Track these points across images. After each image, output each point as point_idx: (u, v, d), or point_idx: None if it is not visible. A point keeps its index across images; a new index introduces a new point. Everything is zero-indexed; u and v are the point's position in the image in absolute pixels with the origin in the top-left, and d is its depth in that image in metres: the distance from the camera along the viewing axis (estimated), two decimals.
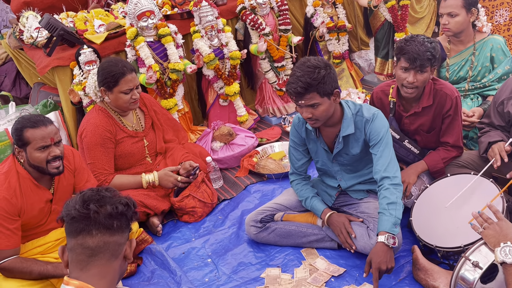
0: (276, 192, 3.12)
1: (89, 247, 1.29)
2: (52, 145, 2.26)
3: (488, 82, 3.07)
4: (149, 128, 3.06)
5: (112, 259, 1.33)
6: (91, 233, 1.29)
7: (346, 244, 2.34)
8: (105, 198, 1.33)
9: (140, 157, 3.02)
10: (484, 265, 1.65)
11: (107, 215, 1.30)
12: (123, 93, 2.75)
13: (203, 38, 3.70)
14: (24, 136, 2.21)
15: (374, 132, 2.26)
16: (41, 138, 2.22)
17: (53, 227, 2.45)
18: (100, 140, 2.79)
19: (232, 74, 3.84)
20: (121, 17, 4.09)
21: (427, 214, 2.36)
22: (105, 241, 1.30)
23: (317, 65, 2.13)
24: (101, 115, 2.84)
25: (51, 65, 3.45)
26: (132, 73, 2.77)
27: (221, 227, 2.90)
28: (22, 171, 2.29)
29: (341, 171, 2.48)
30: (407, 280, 2.24)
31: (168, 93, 3.60)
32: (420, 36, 2.41)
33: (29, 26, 3.94)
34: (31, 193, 2.30)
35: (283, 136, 3.84)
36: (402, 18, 4.15)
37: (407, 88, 2.45)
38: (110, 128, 2.83)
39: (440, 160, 2.59)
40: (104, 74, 2.73)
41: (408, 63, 2.39)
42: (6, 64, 4.87)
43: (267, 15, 3.98)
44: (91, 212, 1.29)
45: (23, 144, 2.23)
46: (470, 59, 3.08)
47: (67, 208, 1.32)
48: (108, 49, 3.61)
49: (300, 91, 2.12)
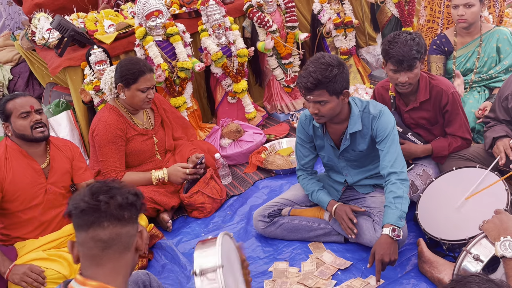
0: (284, 187, 3.16)
1: (101, 239, 1.26)
2: (33, 111, 2.41)
3: (495, 74, 3.08)
4: (159, 126, 3.12)
5: (125, 252, 1.31)
6: (102, 225, 1.26)
7: (347, 230, 2.36)
8: (114, 189, 1.31)
9: (150, 155, 3.07)
10: (485, 258, 1.68)
11: (117, 205, 1.28)
12: (140, 91, 2.82)
13: (211, 37, 3.74)
14: (7, 108, 2.39)
15: (380, 128, 2.29)
16: (21, 106, 2.39)
17: (51, 209, 2.53)
18: (112, 138, 2.85)
19: (240, 72, 3.88)
20: (130, 17, 4.15)
21: (433, 207, 2.39)
22: (117, 232, 1.28)
23: (330, 63, 2.15)
24: (112, 113, 2.90)
25: (63, 65, 3.52)
26: (151, 73, 2.86)
27: (230, 222, 2.95)
28: (10, 143, 2.45)
29: (348, 166, 2.51)
30: (413, 272, 2.27)
31: (177, 91, 3.66)
32: (402, 35, 2.42)
33: (41, 28, 4.02)
34: (19, 162, 2.44)
35: (291, 132, 3.88)
36: (409, 13, 4.15)
37: (402, 86, 2.49)
38: (121, 126, 2.89)
39: (447, 146, 2.62)
40: (124, 71, 2.80)
41: (396, 66, 2.42)
42: (19, 65, 4.97)
43: (274, 13, 4.02)
44: (101, 204, 1.26)
45: (7, 117, 2.39)
46: (476, 50, 3.10)
47: (74, 201, 1.29)
48: (118, 49, 3.68)
49: (309, 87, 2.15)
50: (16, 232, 2.48)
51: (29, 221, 2.47)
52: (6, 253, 2.40)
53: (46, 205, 2.51)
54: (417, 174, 2.60)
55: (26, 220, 2.47)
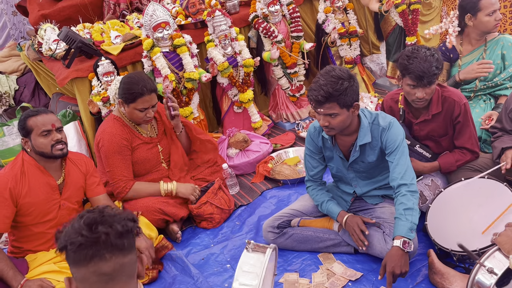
0: (292, 197, 3.18)
1: (105, 273, 1.19)
2: (54, 130, 2.42)
3: (500, 81, 3.10)
4: (162, 134, 3.12)
5: (128, 281, 1.25)
6: (104, 257, 1.18)
7: (359, 242, 2.37)
8: (110, 217, 1.23)
9: (156, 163, 3.08)
10: (499, 271, 1.69)
11: (117, 235, 1.20)
12: (138, 110, 2.82)
13: (217, 47, 3.77)
14: (28, 124, 2.40)
15: (390, 140, 2.30)
16: (43, 124, 2.40)
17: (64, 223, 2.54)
18: (117, 148, 2.86)
19: (246, 82, 3.91)
20: (136, 27, 4.18)
21: (442, 218, 2.40)
22: (120, 263, 1.21)
23: (341, 76, 2.17)
24: (117, 124, 2.92)
25: (70, 76, 3.55)
26: (152, 94, 2.82)
27: (239, 232, 2.96)
28: (27, 158, 2.46)
29: (357, 178, 2.53)
30: (424, 283, 2.28)
31: (184, 102, 3.68)
32: (422, 50, 2.41)
33: (48, 39, 4.05)
34: (36, 177, 2.45)
35: (297, 142, 3.89)
36: (413, 22, 4.18)
37: (418, 102, 2.50)
38: (126, 136, 2.91)
39: (454, 162, 2.63)
40: (124, 89, 2.81)
41: (415, 81, 2.42)
42: (25, 76, 5.00)
43: (279, 23, 4.05)
44: (101, 235, 1.18)
45: (27, 133, 2.40)
46: (481, 57, 3.12)
47: (67, 236, 1.19)
48: (125, 59, 3.70)
49: (320, 100, 2.16)
50: (27, 245, 2.50)
51: (41, 234, 2.49)
52: (18, 266, 2.41)
53: (59, 220, 2.52)
54: (425, 184, 2.61)
55: (38, 234, 2.48)
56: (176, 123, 3.09)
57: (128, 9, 4.87)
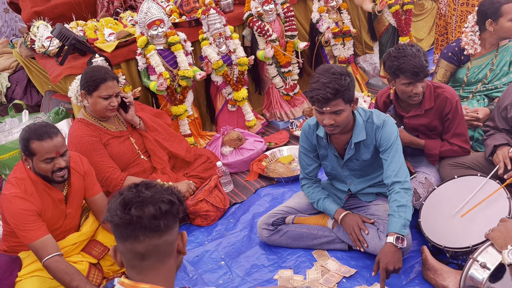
0: (286, 195, 3.19)
1: (139, 252, 1.23)
2: (58, 157, 2.30)
3: (500, 85, 3.13)
4: (132, 127, 3.07)
5: (165, 259, 1.28)
6: (138, 238, 1.22)
7: (357, 242, 2.39)
8: (146, 198, 1.24)
9: (132, 156, 3.01)
10: (492, 265, 1.71)
11: (151, 217, 1.22)
12: (101, 98, 2.78)
13: (212, 45, 3.77)
14: (31, 147, 2.25)
15: (384, 138, 2.32)
16: (47, 152, 2.25)
17: (68, 232, 2.53)
18: (89, 146, 2.81)
19: (240, 80, 3.91)
20: (130, 25, 4.16)
21: (436, 215, 2.42)
22: (154, 244, 1.24)
23: (342, 72, 2.18)
24: (81, 125, 2.86)
25: (64, 73, 3.53)
26: (114, 81, 2.81)
27: (233, 230, 2.96)
28: (33, 175, 2.35)
29: (351, 175, 2.54)
30: (417, 280, 2.30)
31: (178, 100, 3.68)
32: (407, 48, 2.45)
33: (40, 36, 4.02)
34: (45, 195, 2.38)
35: (291, 140, 3.91)
36: (406, 22, 4.21)
37: (416, 97, 2.54)
38: (93, 133, 2.85)
39: (438, 147, 2.67)
40: (86, 78, 2.79)
41: (411, 78, 2.46)
42: (17, 73, 4.97)
43: (274, 22, 4.06)
44: (133, 218, 1.21)
45: (30, 154, 2.28)
46: (491, 62, 3.13)
47: (109, 213, 1.25)
48: (119, 57, 3.69)
49: (329, 97, 2.14)
50: (25, 247, 2.43)
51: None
52: (10, 262, 2.39)
53: (64, 228, 2.50)
54: (419, 182, 2.64)
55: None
56: (132, 117, 3.01)
57: (121, 7, 4.85)
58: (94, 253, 2.57)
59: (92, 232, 2.63)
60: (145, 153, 3.11)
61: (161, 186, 1.31)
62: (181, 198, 1.30)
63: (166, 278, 1.28)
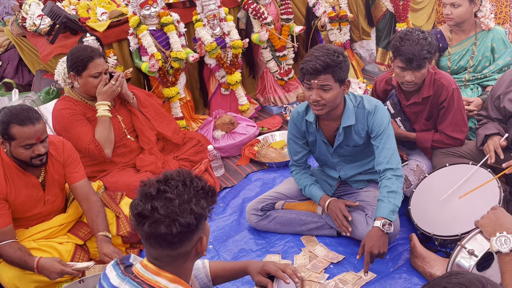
0: (277, 180, 3.16)
1: (153, 256, 1.31)
2: (38, 143, 2.24)
3: (489, 73, 3.09)
4: (119, 104, 3.02)
5: (181, 263, 1.32)
6: (153, 246, 1.27)
7: (342, 227, 2.37)
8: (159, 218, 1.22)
9: (118, 135, 2.94)
10: (480, 253, 1.69)
11: (163, 235, 1.23)
12: (92, 77, 2.74)
13: (205, 27, 3.71)
14: (11, 131, 2.18)
15: (376, 124, 2.28)
16: (28, 137, 2.19)
17: (53, 214, 2.51)
18: (71, 117, 2.75)
19: (234, 63, 3.86)
20: (124, 5, 4.09)
21: (426, 203, 2.40)
22: (167, 254, 1.29)
23: (336, 50, 2.17)
24: (65, 102, 2.80)
25: (54, 52, 3.47)
26: (101, 58, 2.77)
27: (222, 214, 2.94)
28: (6, 159, 2.30)
29: (341, 162, 2.51)
30: (405, 267, 2.29)
31: (170, 82, 3.63)
32: (415, 32, 2.40)
33: (32, 14, 3.94)
34: (17, 179, 2.33)
35: (284, 125, 3.87)
36: (403, 8, 4.15)
37: (407, 85, 2.49)
38: (76, 107, 2.80)
39: (430, 139, 2.64)
40: (73, 59, 2.73)
41: (404, 64, 2.41)
42: (8, 51, 4.89)
43: (269, 4, 3.99)
44: (146, 233, 1.25)
45: (8, 138, 2.21)
46: (471, 48, 3.10)
47: (131, 211, 1.29)
48: (111, 37, 3.62)
49: (318, 68, 2.11)
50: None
51: (24, 225, 2.44)
52: None
53: (45, 213, 2.47)
54: (411, 169, 2.61)
55: (21, 225, 2.42)
56: (125, 90, 2.95)
57: None
58: (81, 234, 2.55)
59: (79, 213, 2.60)
60: (132, 132, 3.05)
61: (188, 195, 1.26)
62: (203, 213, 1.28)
63: (184, 277, 1.34)
